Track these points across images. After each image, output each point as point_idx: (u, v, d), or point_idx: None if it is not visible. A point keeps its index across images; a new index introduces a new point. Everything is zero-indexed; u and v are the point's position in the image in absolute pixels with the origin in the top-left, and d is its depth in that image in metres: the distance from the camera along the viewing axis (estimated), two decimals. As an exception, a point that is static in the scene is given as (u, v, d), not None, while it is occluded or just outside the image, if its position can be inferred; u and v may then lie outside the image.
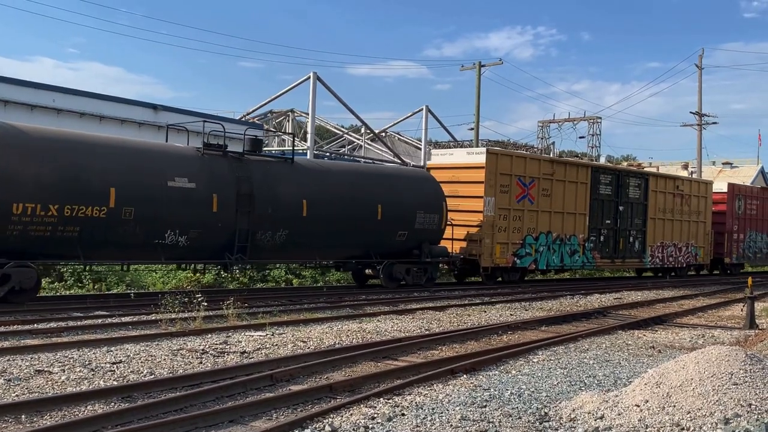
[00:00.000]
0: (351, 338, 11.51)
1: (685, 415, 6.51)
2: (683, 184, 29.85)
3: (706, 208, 31.07)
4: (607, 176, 26.01)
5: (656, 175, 29.66)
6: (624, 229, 26.66)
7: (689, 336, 13.41)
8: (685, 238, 29.84)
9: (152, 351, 9.71)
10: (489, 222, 21.47)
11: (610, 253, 26.17)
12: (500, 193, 21.75)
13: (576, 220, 24.40)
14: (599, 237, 25.49)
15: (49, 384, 7.80)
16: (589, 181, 24.88)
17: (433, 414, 7.01)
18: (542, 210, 23.15)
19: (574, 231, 24.36)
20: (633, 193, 26.97)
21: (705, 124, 45.70)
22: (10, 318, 12.12)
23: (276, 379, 8.28)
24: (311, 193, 17.45)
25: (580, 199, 24.58)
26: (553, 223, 23.51)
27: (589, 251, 24.96)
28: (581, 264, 25.05)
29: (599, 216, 25.48)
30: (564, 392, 8.21)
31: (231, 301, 13.06)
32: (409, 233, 19.40)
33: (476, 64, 36.57)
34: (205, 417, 6.57)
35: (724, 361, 7.21)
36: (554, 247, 23.60)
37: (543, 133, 55.46)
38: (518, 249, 22.42)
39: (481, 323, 13.79)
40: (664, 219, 28.54)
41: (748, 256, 34.39)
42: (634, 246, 27.18)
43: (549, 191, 23.33)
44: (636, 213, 27.25)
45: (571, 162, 25.85)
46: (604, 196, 25.69)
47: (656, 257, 28.35)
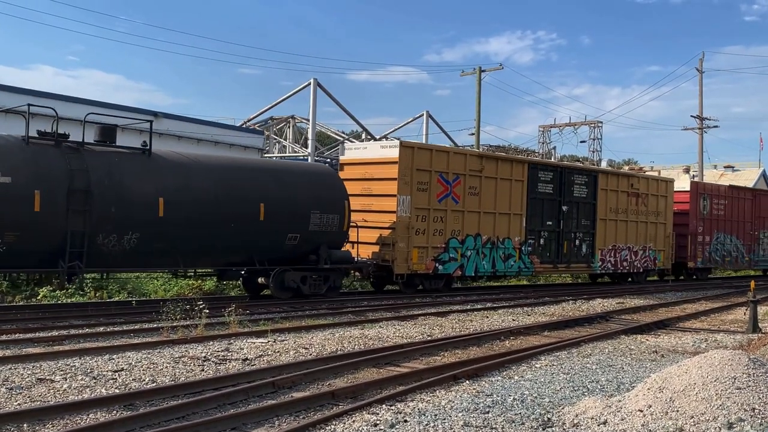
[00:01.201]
0: (353, 344, 11.49)
1: (689, 419, 6.48)
2: (639, 182, 27.38)
3: (666, 209, 28.57)
4: (547, 173, 23.57)
5: (606, 172, 27.64)
6: (568, 232, 24.23)
7: (692, 340, 13.38)
8: (641, 241, 27.35)
9: (154, 358, 9.70)
10: (404, 223, 19.27)
11: (552, 258, 23.77)
12: (418, 191, 19.54)
13: (511, 221, 22.14)
14: (539, 240, 23.19)
15: (51, 392, 7.79)
16: (525, 179, 22.58)
17: (436, 420, 6.99)
18: (469, 210, 20.92)
19: (509, 233, 22.09)
20: (579, 191, 24.54)
21: (706, 127, 45.72)
22: (11, 326, 12.12)
23: (278, 386, 8.26)
24: (171, 189, 14.91)
25: (516, 198, 22.30)
26: (483, 224, 21.30)
27: (526, 255, 22.68)
28: (517, 270, 22.72)
29: (539, 217, 23.19)
30: (567, 397, 8.18)
31: (232, 308, 13.04)
32: (303, 236, 16.96)
33: (476, 69, 36.62)
34: (207, 425, 6.56)
35: (727, 366, 7.18)
36: (484, 252, 21.33)
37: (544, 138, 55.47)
38: (440, 254, 20.14)
39: (483, 329, 13.77)
40: (616, 220, 26.13)
41: (716, 260, 31.87)
42: (580, 249, 24.74)
43: (477, 189, 21.12)
44: (583, 213, 24.82)
45: (504, 157, 23.32)
46: (545, 195, 23.34)
47: (608, 262, 25.92)
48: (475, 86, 36.61)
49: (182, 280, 18.23)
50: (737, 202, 32.93)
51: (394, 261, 19.09)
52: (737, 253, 33.22)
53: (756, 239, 34.33)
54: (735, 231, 32.78)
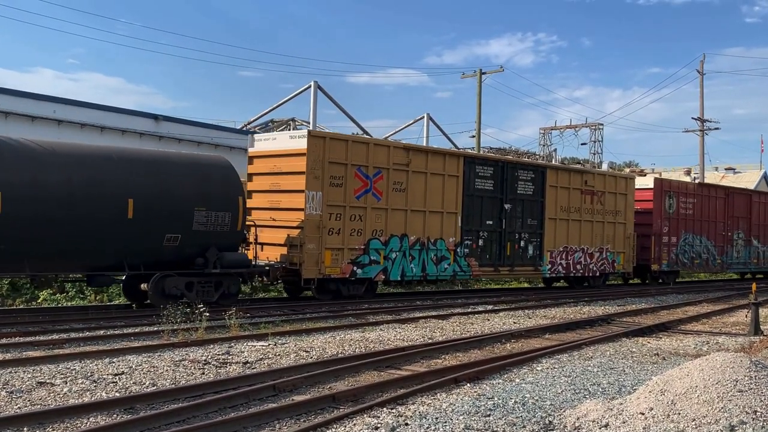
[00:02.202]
0: (354, 347, 11.48)
1: (690, 422, 6.47)
2: (594, 178, 25.28)
3: (626, 207, 26.37)
4: (486, 168, 21.57)
5: (555, 167, 25.43)
6: (512, 232, 22.22)
7: (694, 343, 13.36)
8: (598, 242, 25.16)
9: (154, 362, 9.69)
10: (313, 222, 17.33)
11: (493, 260, 21.73)
12: (331, 186, 17.67)
13: (444, 220, 20.22)
14: (477, 241, 21.24)
15: (51, 396, 7.79)
16: (461, 174, 20.67)
17: (437, 423, 6.97)
18: (395, 208, 19.02)
19: (442, 234, 20.16)
20: (524, 188, 22.58)
21: (707, 129, 45.73)
22: (11, 330, 12.12)
23: (279, 389, 8.25)
24: (11, 183, 12.92)
25: (450, 195, 20.38)
26: (412, 224, 19.39)
27: (462, 258, 20.71)
28: (452, 273, 20.64)
29: (477, 216, 21.22)
30: (568, 400, 8.17)
31: (233, 311, 13.05)
32: (185, 237, 14.90)
33: (477, 72, 36.65)
34: (207, 428, 6.56)
35: (728, 368, 7.17)
36: (413, 254, 19.43)
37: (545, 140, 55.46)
38: (359, 256, 18.24)
39: (484, 331, 13.75)
40: (568, 219, 23.99)
41: (683, 263, 29.55)
42: (526, 251, 22.72)
43: (404, 185, 19.22)
44: (529, 212, 22.78)
45: (435, 150, 21.17)
46: (484, 192, 21.41)
47: (558, 264, 23.75)
48: (476, 88, 36.64)
49: (42, 289, 17.16)
50: (708, 201, 30.99)
51: (302, 264, 17.09)
52: (708, 255, 31.06)
53: (729, 240, 32.25)
54: (706, 231, 30.74)
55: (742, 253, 33.03)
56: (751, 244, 33.50)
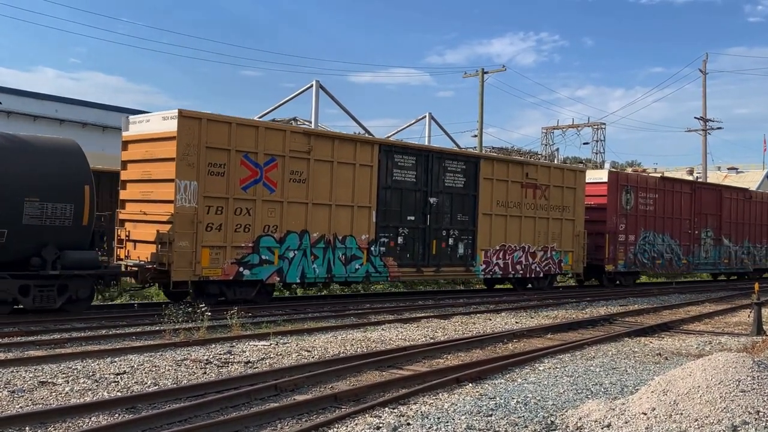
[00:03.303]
0: (355, 347, 11.47)
1: (693, 422, 6.46)
2: (537, 171, 23.06)
3: (575, 203, 24.09)
4: (407, 158, 19.34)
5: (491, 157, 23.04)
6: (438, 229, 20.03)
7: (696, 343, 13.34)
8: (542, 241, 22.98)
9: (156, 361, 9.69)
10: (186, 216, 15.05)
11: (416, 260, 19.54)
12: (210, 175, 15.46)
13: (355, 215, 18.03)
14: (396, 238, 19.03)
15: (53, 395, 7.79)
16: (375, 164, 18.45)
17: (439, 423, 6.97)
18: (292, 201, 16.79)
19: (352, 230, 17.99)
20: (453, 180, 20.41)
21: (709, 129, 45.70)
22: (13, 329, 12.13)
23: (280, 389, 8.25)
24: None
25: (362, 187, 18.18)
26: (314, 219, 17.22)
27: (378, 257, 18.56)
28: (364, 274, 18.36)
29: (396, 211, 19.05)
30: (570, 400, 8.16)
31: (235, 310, 13.05)
32: (13, 232, 12.96)
33: (479, 71, 36.64)
34: (209, 427, 6.55)
35: (731, 368, 7.16)
36: (316, 252, 17.25)
37: (547, 140, 55.46)
38: (247, 255, 16.03)
39: (486, 331, 13.75)
40: (506, 215, 21.84)
41: (643, 263, 27.29)
42: (456, 250, 20.51)
43: (305, 175, 17.00)
44: (460, 207, 20.61)
45: (343, 137, 18.64)
46: (405, 185, 19.23)
47: (495, 265, 21.56)
48: (478, 88, 36.63)
49: None
50: (672, 196, 28.64)
51: (171, 264, 14.79)
52: (672, 254, 28.66)
53: (697, 239, 29.89)
54: (669, 229, 28.44)
55: (711, 253, 30.85)
56: (721, 244, 31.31)
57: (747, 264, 33.15)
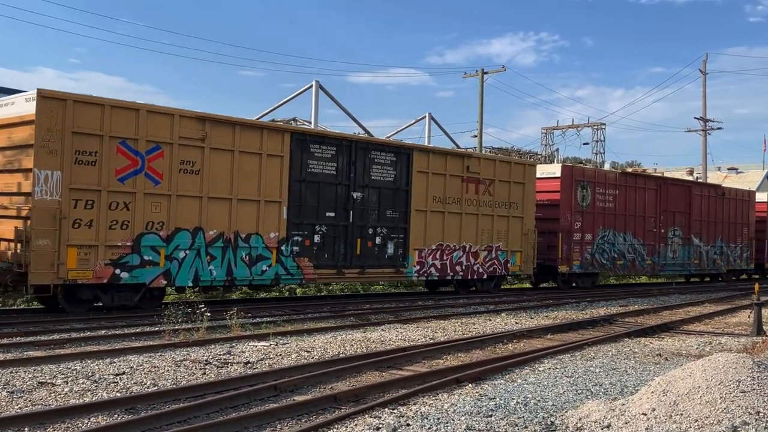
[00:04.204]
0: (355, 348, 11.46)
1: (693, 423, 6.45)
2: (480, 164, 21.13)
3: (524, 199, 22.31)
4: (325, 148, 17.51)
5: (426, 149, 20.95)
6: (364, 226, 18.24)
7: (696, 343, 13.33)
8: (485, 240, 21.17)
9: (155, 362, 9.68)
10: (46, 211, 13.32)
11: (336, 260, 17.73)
12: (78, 164, 13.67)
13: (262, 211, 16.23)
14: (312, 237, 17.22)
15: (52, 396, 7.77)
16: (287, 154, 16.64)
17: (439, 424, 6.96)
18: (183, 195, 14.96)
19: (258, 228, 16.18)
20: (382, 174, 18.65)
21: (710, 129, 45.70)
22: (12, 330, 12.12)
23: (280, 389, 8.24)
24: None
25: (271, 179, 16.40)
26: (211, 215, 15.38)
27: (290, 258, 16.73)
28: (273, 276, 16.50)
29: (312, 206, 17.23)
30: (570, 401, 8.15)
31: (234, 311, 13.04)
32: None
33: (479, 72, 36.64)
34: (208, 428, 6.54)
35: (731, 369, 7.15)
36: (213, 252, 15.46)
37: (547, 140, 55.46)
38: (125, 256, 14.21)
39: (486, 332, 13.74)
40: (444, 212, 20.06)
41: (602, 264, 25.46)
42: (384, 250, 18.72)
43: (198, 166, 15.21)
44: (389, 203, 18.81)
45: (247, 123, 16.49)
46: (323, 177, 17.42)
47: (430, 266, 19.74)
48: (478, 88, 36.64)
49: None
50: (635, 193, 26.83)
51: (29, 266, 13.12)
52: (634, 255, 26.89)
53: (663, 238, 28.11)
54: (632, 228, 26.65)
55: (679, 254, 29.05)
56: (690, 243, 29.46)
57: (720, 265, 31.36)
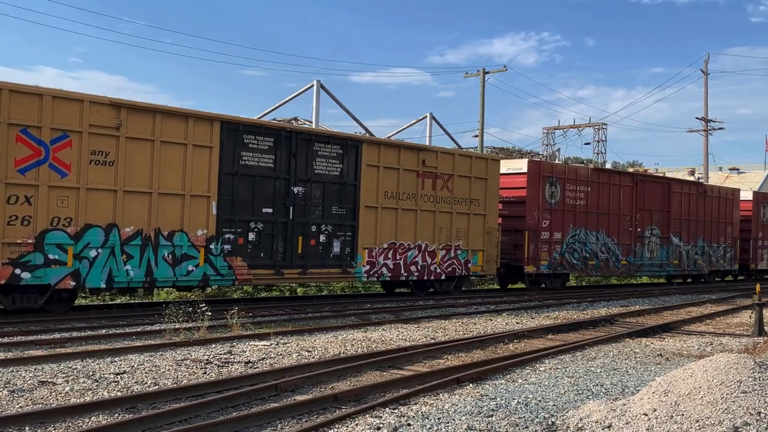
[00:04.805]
0: (356, 347, 11.46)
1: (694, 423, 6.44)
2: (437, 158, 19.93)
3: (487, 195, 21.16)
4: (262, 139, 16.36)
5: (376, 141, 19.61)
6: (306, 223, 17.03)
7: (697, 343, 13.32)
8: (443, 238, 20.00)
9: (156, 361, 9.68)
10: None
11: (275, 260, 16.53)
12: None
13: (188, 206, 15.05)
14: (246, 234, 16.08)
15: (53, 395, 7.77)
16: (216, 144, 15.52)
17: (439, 424, 6.95)
18: (94, 188, 13.91)
19: (183, 225, 14.97)
20: (327, 167, 17.50)
21: (711, 129, 45.69)
22: (13, 329, 12.13)
23: (281, 389, 8.24)
24: None
25: (198, 172, 15.23)
26: (128, 210, 14.25)
27: (220, 257, 15.59)
28: (201, 277, 15.32)
29: (247, 201, 16.09)
30: (571, 401, 8.14)
31: (235, 310, 13.04)
32: None
33: (480, 72, 36.63)
34: (209, 427, 6.54)
35: (732, 369, 7.14)
36: (130, 251, 14.29)
37: (548, 140, 55.44)
38: (27, 254, 13.21)
39: (486, 332, 13.73)
40: (397, 209, 18.88)
41: (572, 264, 24.19)
42: (329, 248, 17.53)
43: (112, 156, 14.12)
44: (336, 198, 17.66)
45: (170, 111, 15.00)
46: (259, 171, 16.27)
47: (382, 266, 18.58)
48: (479, 88, 36.63)
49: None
50: (609, 190, 25.63)
51: None
52: (608, 254, 25.65)
53: (639, 238, 26.93)
54: (605, 227, 25.41)
55: (657, 253, 27.77)
56: (669, 243, 28.22)
57: (701, 266, 30.09)
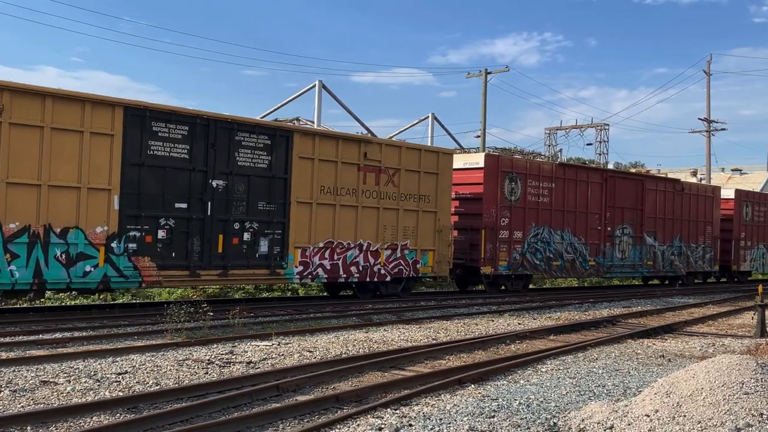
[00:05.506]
0: (357, 348, 11.45)
1: (696, 425, 6.43)
2: (380, 151, 18.55)
3: (438, 191, 19.82)
4: (174, 127, 14.95)
5: (311, 132, 18.17)
6: (227, 220, 15.74)
7: (699, 345, 13.31)
8: (389, 237, 18.69)
9: (158, 361, 9.68)
10: None
11: (190, 260, 15.18)
12: None
13: (85, 201, 13.71)
14: (156, 232, 14.76)
15: (54, 395, 7.78)
16: (119, 132, 14.14)
17: (441, 425, 6.95)
18: None
19: (79, 221, 13.66)
20: (251, 159, 16.17)
21: (713, 130, 45.64)
22: (15, 329, 12.13)
23: (282, 389, 8.23)
24: None
25: (98, 163, 13.91)
26: (11, 205, 13.11)
27: (125, 257, 14.23)
28: (101, 279, 13.97)
29: (157, 195, 14.74)
30: (573, 402, 8.13)
31: (237, 310, 13.04)
32: None
33: (482, 72, 36.63)
34: (210, 428, 6.54)
35: (734, 371, 7.13)
36: (15, 250, 13.10)
37: (550, 140, 55.37)
38: None
39: (488, 332, 13.72)
40: (335, 205, 17.58)
41: (535, 264, 22.84)
42: (255, 247, 16.23)
43: None
44: (262, 193, 16.33)
45: (63, 94, 13.71)
46: (170, 162, 14.92)
47: (317, 266, 17.27)
48: (481, 88, 36.62)
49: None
50: (575, 187, 24.20)
51: None
52: (574, 255, 24.23)
53: (609, 237, 25.56)
54: (571, 225, 23.96)
55: (629, 254, 26.42)
56: (643, 243, 26.92)
57: (678, 267, 28.78)
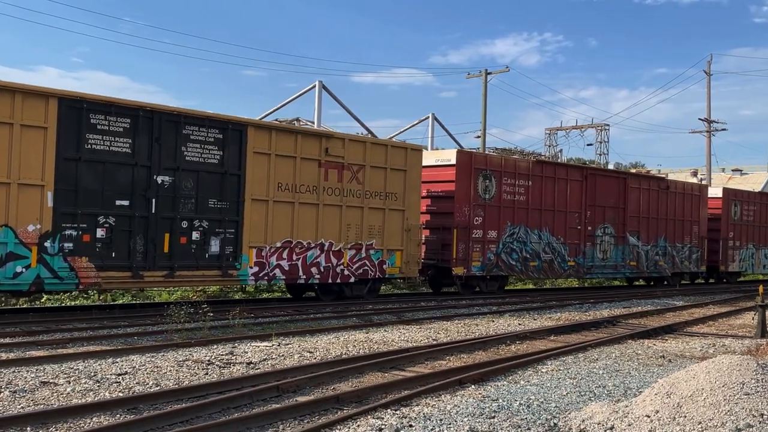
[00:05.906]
0: (358, 348, 11.45)
1: (696, 425, 6.42)
2: (343, 146, 17.77)
3: (406, 189, 19.06)
4: (115, 120, 14.21)
5: (266, 126, 17.36)
6: (174, 218, 14.96)
7: (700, 345, 13.30)
8: (352, 236, 17.93)
9: (158, 362, 9.67)
10: None
11: (132, 261, 14.38)
12: None
13: (15, 197, 13.04)
14: (94, 230, 13.97)
15: (54, 396, 7.77)
16: (53, 125, 13.46)
17: (441, 425, 6.94)
18: None
19: (9, 219, 12.95)
20: (201, 154, 15.40)
21: (714, 130, 45.63)
22: (15, 329, 12.13)
23: (282, 390, 8.23)
24: None
25: (29, 157, 13.21)
26: None
27: (58, 256, 13.49)
28: (33, 281, 13.22)
29: (95, 192, 13.99)
30: (573, 403, 8.12)
31: (237, 311, 13.04)
32: None
33: (482, 72, 36.63)
34: (211, 428, 6.53)
35: (735, 371, 7.12)
36: None
37: (550, 141, 55.38)
38: None
39: (489, 333, 13.71)
40: (294, 203, 16.83)
41: (510, 265, 22.11)
42: (205, 247, 15.42)
43: None
44: (213, 190, 15.58)
45: None
46: (110, 156, 14.15)
47: (274, 267, 16.54)
48: (481, 88, 36.64)
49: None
50: (553, 184, 23.48)
51: None
52: (552, 255, 23.49)
53: (590, 237, 24.77)
54: (549, 224, 23.26)
55: (610, 254, 25.59)
56: (625, 242, 26.06)
57: (663, 267, 27.97)
